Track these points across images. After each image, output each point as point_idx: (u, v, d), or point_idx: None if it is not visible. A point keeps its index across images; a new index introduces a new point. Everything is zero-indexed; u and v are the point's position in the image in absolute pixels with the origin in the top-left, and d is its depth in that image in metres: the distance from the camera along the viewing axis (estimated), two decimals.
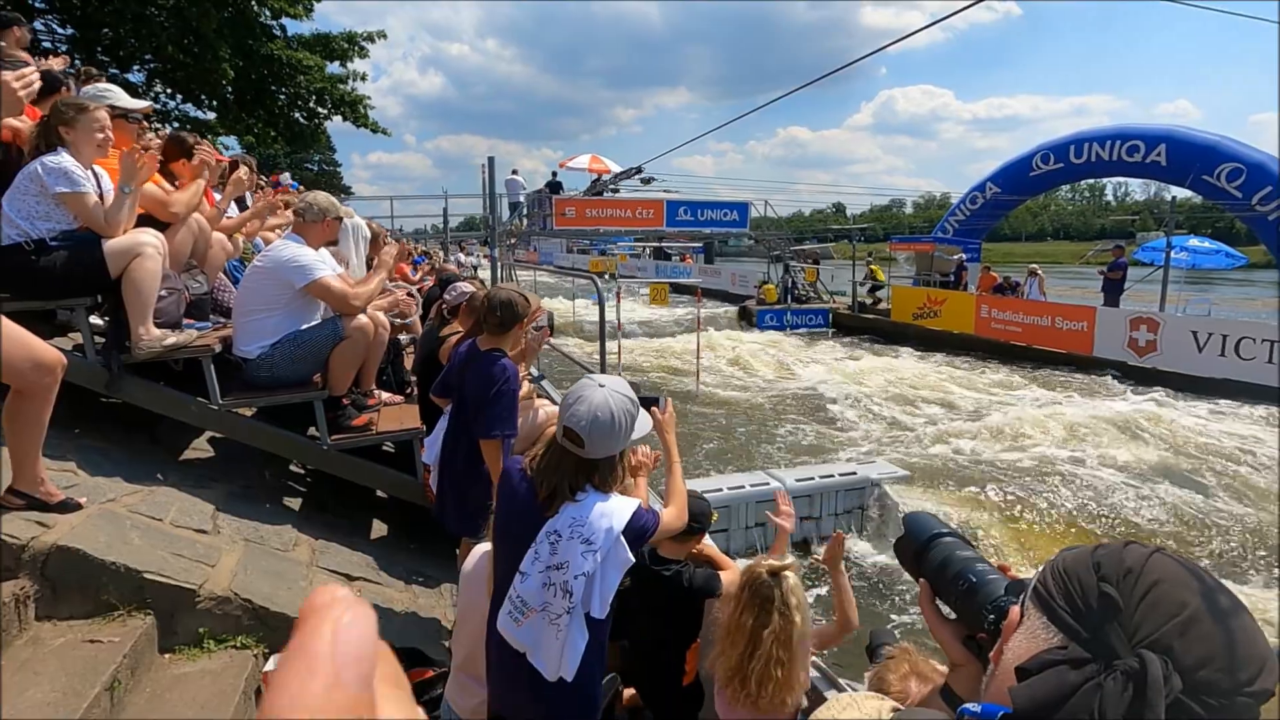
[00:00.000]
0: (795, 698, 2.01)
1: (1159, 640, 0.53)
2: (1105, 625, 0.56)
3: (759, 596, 2.00)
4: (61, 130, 2.80)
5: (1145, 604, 0.56)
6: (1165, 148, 14.31)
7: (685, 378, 12.82)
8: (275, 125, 15.62)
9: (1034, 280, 15.00)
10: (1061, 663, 0.56)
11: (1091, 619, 0.57)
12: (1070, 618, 0.58)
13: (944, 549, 1.00)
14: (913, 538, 1.05)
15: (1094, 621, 0.57)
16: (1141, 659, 0.52)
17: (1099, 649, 0.55)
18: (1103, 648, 0.55)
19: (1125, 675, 0.52)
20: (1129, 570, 0.58)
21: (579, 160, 19.89)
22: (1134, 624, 0.55)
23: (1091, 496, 7.05)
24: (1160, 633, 0.54)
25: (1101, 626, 0.56)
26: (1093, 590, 0.58)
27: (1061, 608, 0.59)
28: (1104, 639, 0.56)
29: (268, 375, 3.34)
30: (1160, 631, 0.54)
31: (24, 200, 2.75)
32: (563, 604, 1.69)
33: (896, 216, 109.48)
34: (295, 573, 3.03)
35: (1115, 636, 0.55)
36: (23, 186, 2.75)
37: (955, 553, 0.99)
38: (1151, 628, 0.54)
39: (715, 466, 8.20)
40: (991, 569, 0.97)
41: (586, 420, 1.70)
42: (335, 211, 3.45)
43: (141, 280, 2.95)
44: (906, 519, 1.09)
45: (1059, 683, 0.55)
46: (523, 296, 2.81)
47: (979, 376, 12.76)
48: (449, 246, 17.80)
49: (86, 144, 2.86)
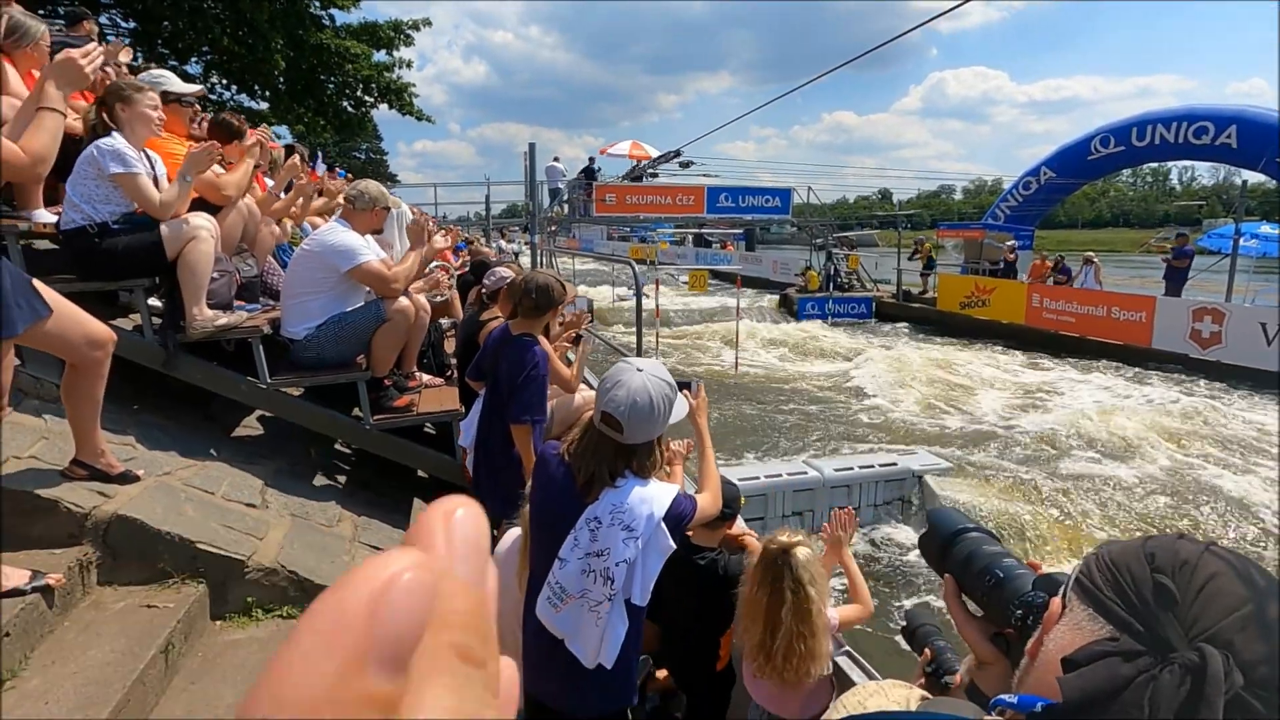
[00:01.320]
0: (819, 668, 2.03)
1: (1218, 634, 0.51)
2: (1160, 617, 0.54)
3: (771, 574, 2.05)
4: (118, 108, 2.90)
5: (1203, 597, 0.54)
6: (1236, 129, 13.54)
7: (724, 365, 12.74)
8: (325, 114, 15.97)
9: (1089, 268, 14.41)
10: (1113, 654, 0.54)
11: (1145, 611, 0.55)
12: (1122, 609, 0.56)
13: (969, 544, 0.98)
14: (937, 533, 1.03)
15: (1148, 613, 0.55)
16: (1201, 653, 0.50)
17: (1153, 642, 0.53)
18: (1157, 641, 0.53)
19: (1183, 669, 0.50)
20: (1184, 562, 0.56)
21: (619, 147, 19.87)
22: (1191, 617, 0.53)
23: (1141, 496, 6.78)
24: (1219, 627, 0.52)
25: (1156, 619, 0.54)
26: (1146, 582, 0.56)
27: (1111, 599, 0.57)
28: (1159, 632, 0.53)
29: (314, 356, 3.43)
30: (1219, 625, 0.52)
31: (84, 184, 2.88)
32: (603, 591, 1.68)
33: (945, 203, 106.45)
34: (338, 547, 3.13)
35: (1171, 629, 0.53)
36: (82, 171, 2.86)
37: (981, 548, 0.97)
38: (1210, 621, 0.52)
39: (753, 455, 8.15)
40: (1019, 564, 0.95)
41: (625, 405, 1.68)
42: (384, 201, 3.52)
43: (196, 262, 3.06)
44: (931, 514, 1.07)
45: (1111, 674, 0.53)
46: (559, 283, 2.83)
47: (1028, 368, 12.36)
48: (490, 233, 18.00)
49: (140, 124, 2.96)
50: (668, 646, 2.66)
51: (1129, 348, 12.40)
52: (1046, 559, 5.53)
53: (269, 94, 15.26)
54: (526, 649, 1.91)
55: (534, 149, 9.56)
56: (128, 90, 2.92)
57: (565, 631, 1.74)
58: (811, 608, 2.00)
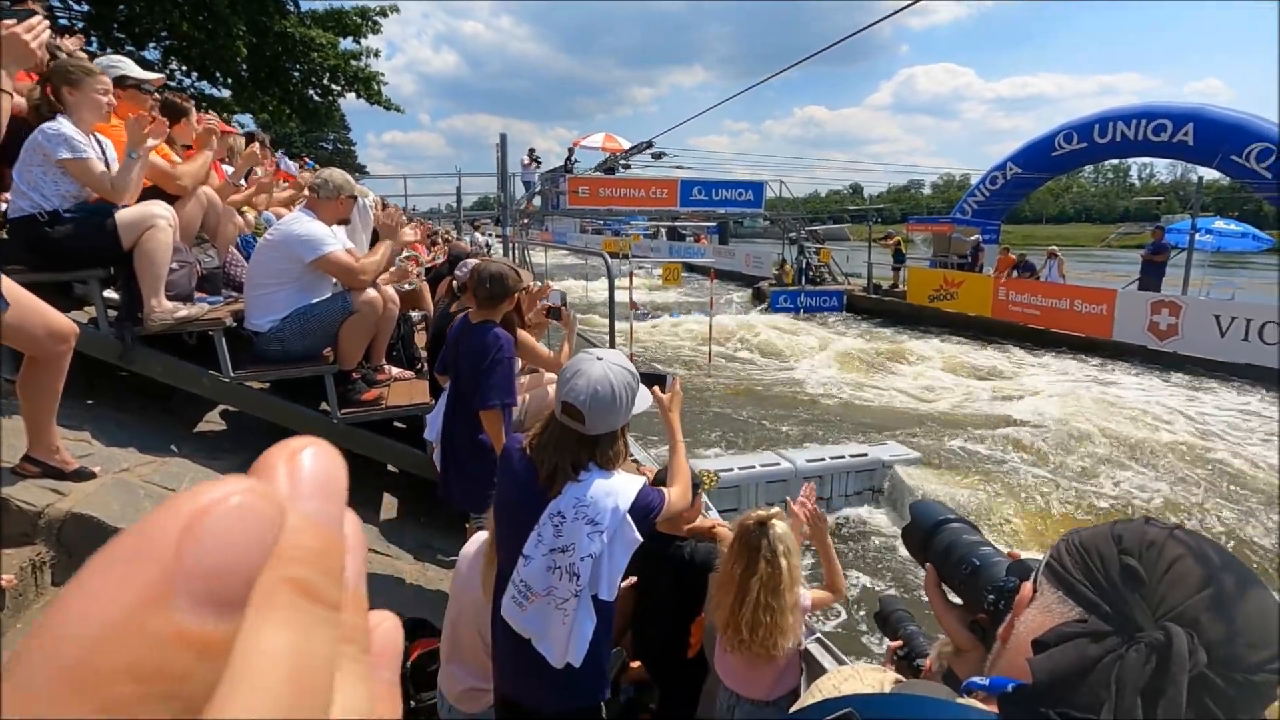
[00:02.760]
0: (786, 643, 2.04)
1: (1184, 613, 0.52)
2: (1128, 598, 0.55)
3: (747, 546, 2.06)
4: (66, 91, 2.78)
5: (1169, 577, 0.54)
6: (1193, 127, 13.93)
7: (697, 358, 12.79)
8: (290, 103, 15.62)
9: (1053, 262, 14.74)
10: (1081, 635, 0.55)
11: (1113, 592, 0.56)
12: (1090, 591, 0.57)
13: (950, 534, 1.00)
14: (919, 524, 1.04)
15: (1115, 594, 0.56)
16: (1167, 631, 0.51)
17: (1120, 622, 0.54)
18: (1125, 621, 0.54)
19: (1149, 648, 0.51)
20: (1151, 543, 0.57)
21: (593, 139, 19.76)
22: (1158, 597, 0.54)
23: (1107, 484, 6.98)
24: (1185, 606, 0.53)
25: (1124, 599, 0.55)
26: (1114, 563, 0.57)
27: (1080, 581, 0.58)
28: (1126, 612, 0.54)
29: (279, 349, 3.36)
30: (1185, 605, 0.53)
31: (30, 171, 2.77)
32: (569, 587, 1.64)
33: (915, 197, 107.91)
34: None
35: (1138, 609, 0.54)
36: (27, 157, 2.75)
37: (961, 537, 0.98)
38: (1176, 600, 0.53)
39: (726, 447, 8.20)
40: (997, 553, 0.96)
41: (586, 395, 1.65)
42: (350, 190, 3.44)
43: (153, 252, 2.97)
44: (913, 506, 1.08)
45: (1079, 655, 0.54)
46: (512, 270, 2.80)
47: (995, 360, 12.62)
48: (462, 225, 17.79)
49: (88, 110, 2.85)
50: (639, 638, 2.67)
51: (1091, 340, 12.73)
52: (1011, 547, 5.66)
53: (231, 81, 14.88)
54: (495, 649, 1.88)
55: (505, 140, 9.46)
56: (76, 73, 2.81)
57: (532, 631, 1.70)
58: (782, 580, 2.01)
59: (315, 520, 0.18)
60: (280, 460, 0.18)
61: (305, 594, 0.17)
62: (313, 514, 0.18)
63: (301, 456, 0.18)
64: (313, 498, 0.18)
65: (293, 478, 0.18)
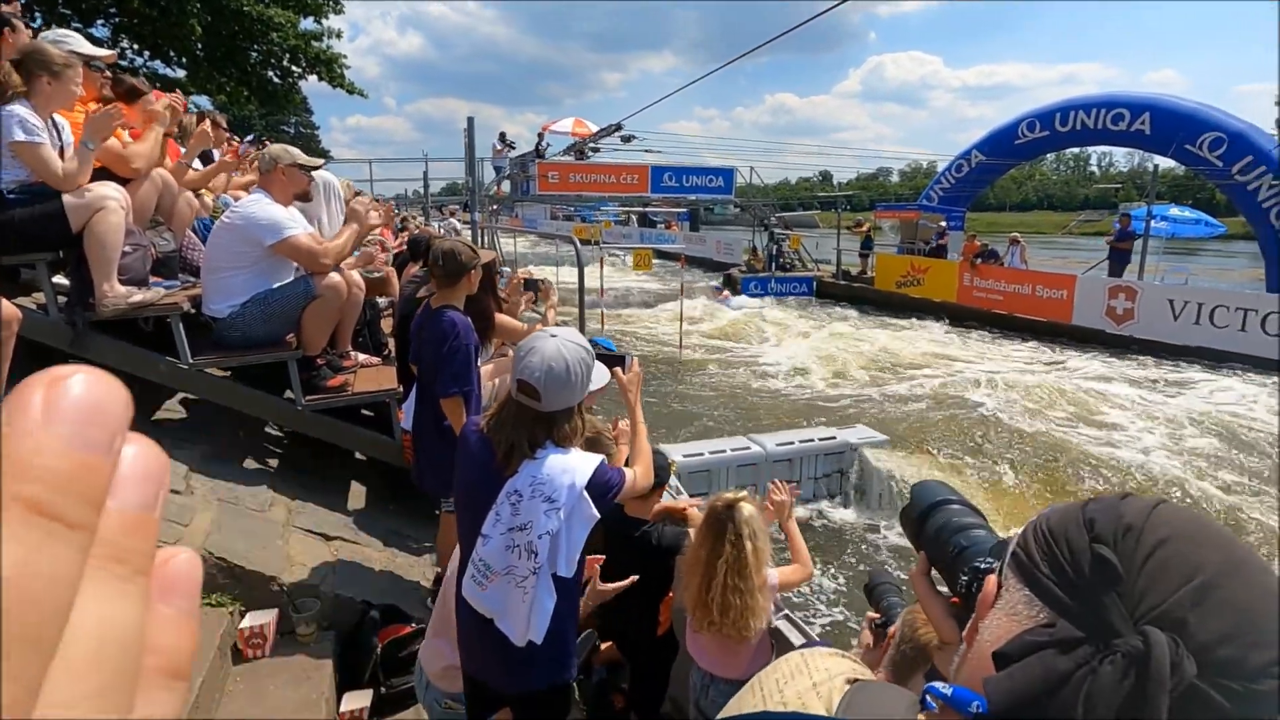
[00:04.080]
0: (759, 623, 2.07)
1: (1168, 613, 0.43)
2: (1101, 596, 0.46)
3: (714, 528, 2.09)
4: (44, 80, 2.69)
5: (1150, 568, 0.45)
6: (1150, 116, 14.28)
7: (668, 344, 12.81)
8: (248, 84, 15.15)
9: (1015, 248, 15.04)
10: (1048, 645, 0.46)
11: (1084, 589, 0.47)
12: (1058, 588, 0.48)
13: (943, 516, 0.92)
14: (915, 506, 0.97)
15: (1088, 592, 0.46)
16: (1145, 637, 0.42)
17: (1094, 627, 0.45)
18: (1099, 625, 0.45)
19: (1126, 659, 0.42)
20: (1129, 527, 0.47)
21: (562, 124, 19.56)
22: (1137, 593, 0.45)
23: (1075, 460, 7.18)
24: (1169, 603, 0.44)
25: (1097, 598, 0.46)
26: (1084, 553, 0.47)
27: (1047, 576, 0.49)
28: (1100, 614, 0.45)
29: (239, 335, 3.28)
30: (1169, 601, 0.44)
31: None
32: (528, 565, 1.65)
33: (883, 185, 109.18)
34: (271, 532, 3.02)
35: (1114, 610, 0.45)
36: None
37: (952, 519, 0.90)
38: (1158, 597, 0.44)
39: (698, 432, 8.25)
40: (991, 535, 0.87)
41: (540, 371, 1.65)
42: (289, 159, 3.32)
43: (104, 235, 2.87)
44: (913, 488, 1.01)
45: (1045, 671, 0.45)
46: (467, 246, 2.78)
47: (960, 344, 12.88)
48: (429, 211, 17.50)
49: (60, 99, 2.78)
50: (608, 619, 2.68)
51: (1052, 324, 13.06)
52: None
53: (186, 61, 14.36)
54: (459, 629, 1.88)
55: (473, 123, 9.31)
56: (58, 65, 2.71)
57: (493, 610, 1.71)
58: (748, 562, 2.04)
59: (67, 443, 0.18)
60: (39, 388, 0.18)
61: (39, 512, 0.17)
62: (65, 436, 0.18)
63: (67, 383, 0.19)
64: (70, 423, 0.18)
65: (49, 403, 0.18)
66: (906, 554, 5.73)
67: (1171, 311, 11.52)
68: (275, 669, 2.56)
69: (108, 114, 2.86)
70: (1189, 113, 13.87)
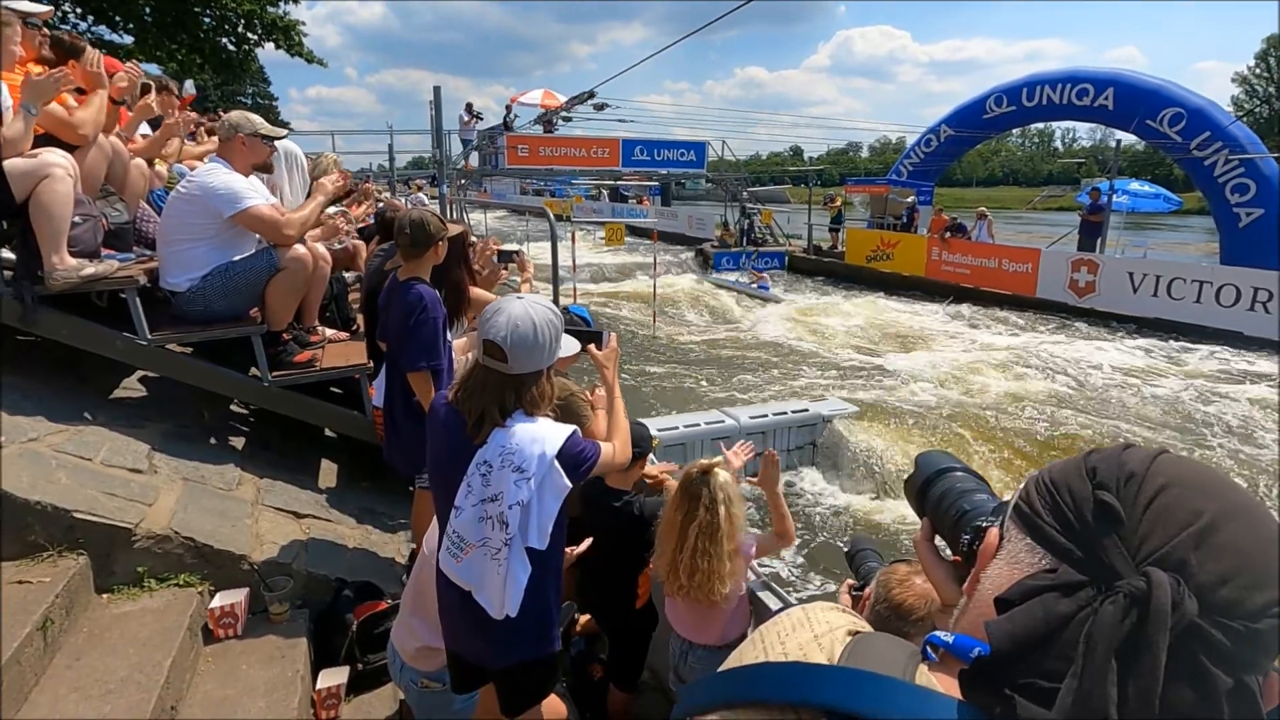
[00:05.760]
0: (724, 589, 2.08)
1: (1169, 555, 0.44)
2: (1104, 540, 0.47)
3: (689, 494, 2.09)
4: None
5: (1152, 512, 0.46)
6: (1113, 91, 14.49)
7: (642, 319, 12.78)
8: (200, 51, 14.53)
9: (982, 223, 15.26)
10: (1050, 589, 0.47)
11: (1086, 534, 0.48)
12: (1060, 535, 0.49)
13: (946, 483, 0.92)
14: (919, 474, 0.98)
15: (1090, 537, 0.47)
16: (1148, 577, 0.43)
17: (1096, 570, 0.46)
18: (1101, 568, 0.46)
19: (1128, 599, 0.43)
20: (1131, 474, 0.48)
21: (531, 95, 19.17)
22: (1139, 537, 0.46)
23: (1044, 428, 7.36)
24: (1172, 545, 0.45)
25: (1099, 542, 0.47)
26: (1087, 500, 0.48)
27: (1049, 524, 0.50)
28: (1102, 557, 0.46)
29: (200, 309, 3.17)
30: (1171, 544, 0.45)
31: None
32: (500, 536, 1.64)
33: (853, 160, 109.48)
34: (240, 510, 2.95)
35: (1116, 553, 0.46)
36: None
37: (955, 485, 0.91)
38: (1160, 540, 0.45)
39: (672, 407, 8.27)
40: (994, 499, 0.87)
41: (506, 331, 1.63)
42: (250, 127, 3.20)
43: (51, 204, 2.73)
44: (917, 457, 1.01)
45: (1047, 613, 0.46)
46: (435, 216, 2.71)
47: (929, 318, 13.07)
48: (396, 185, 17.06)
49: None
50: (587, 590, 2.69)
51: (1017, 297, 13.32)
52: None
53: (133, 27, 13.69)
54: (440, 604, 1.86)
55: (439, 93, 9.06)
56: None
57: (470, 583, 1.70)
58: (721, 527, 2.05)
59: None
60: None
61: None
62: None
63: None
64: None
65: None
66: (876, 523, 5.85)
67: (1131, 284, 11.83)
68: (247, 648, 2.52)
69: (54, 77, 2.70)
70: (1152, 89, 14.10)
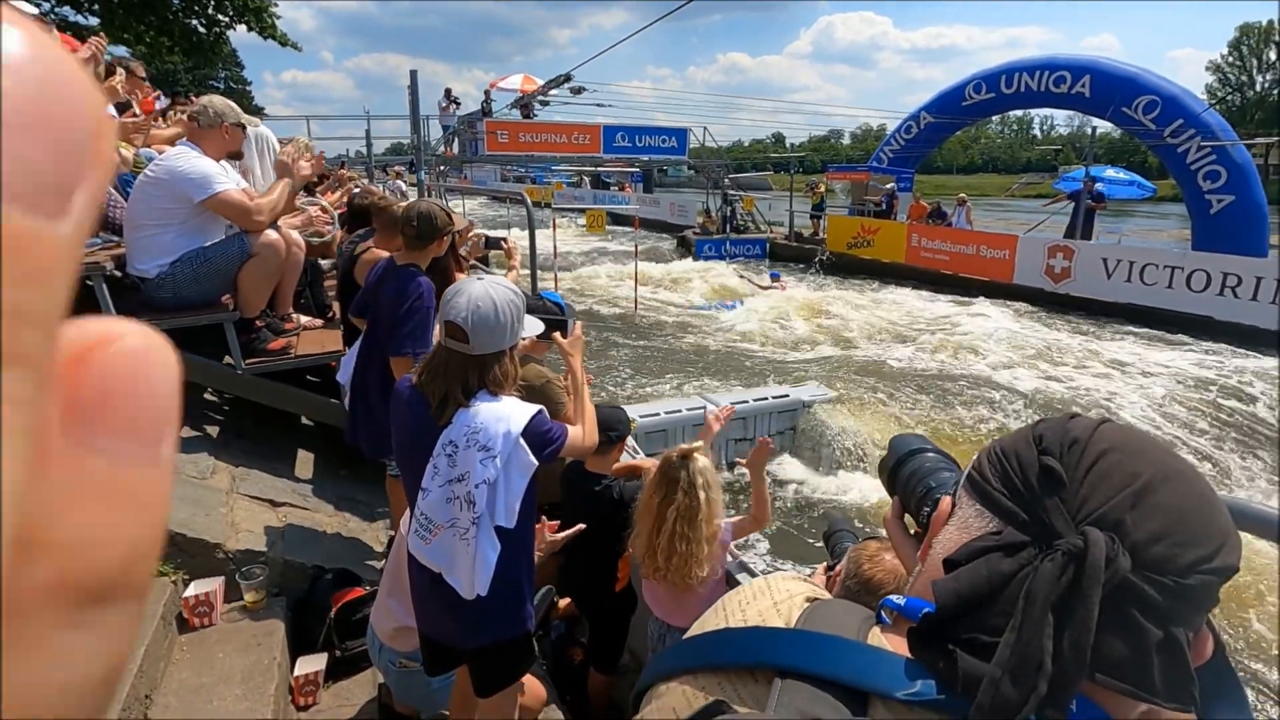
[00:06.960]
0: (701, 572, 2.10)
1: (1106, 515, 0.47)
2: (1046, 502, 0.49)
3: (667, 477, 2.11)
4: None
5: (1093, 475, 0.49)
6: (1090, 79, 14.64)
7: (623, 307, 12.77)
8: (169, 33, 14.15)
9: (962, 209, 15.39)
10: (994, 549, 0.49)
11: (1030, 497, 0.50)
12: (1007, 499, 0.52)
13: (915, 463, 0.95)
14: (891, 455, 1.00)
15: (1034, 500, 0.50)
16: (1085, 536, 0.46)
17: (1039, 531, 0.49)
18: (1044, 529, 0.49)
19: (1066, 555, 0.46)
20: (1075, 440, 0.51)
21: (511, 80, 18.99)
22: (1080, 499, 0.49)
23: (1015, 412, 7.48)
24: (1109, 506, 0.47)
25: (1042, 504, 0.49)
26: (1033, 465, 0.51)
27: (997, 490, 0.53)
28: (1045, 519, 0.49)
29: (170, 296, 3.11)
30: (1109, 504, 0.47)
31: None
32: (468, 516, 1.65)
33: (834, 147, 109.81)
34: (214, 499, 2.92)
35: (1057, 514, 0.48)
36: None
37: (924, 465, 0.94)
38: (1099, 501, 0.48)
39: (653, 393, 8.29)
40: (958, 476, 0.88)
41: (467, 311, 1.63)
42: (234, 117, 3.16)
43: None
44: (890, 440, 1.04)
45: (990, 572, 0.48)
46: (443, 210, 2.69)
47: (909, 304, 13.19)
48: (374, 172, 16.84)
49: None
50: (567, 574, 2.70)
51: (994, 283, 13.48)
52: None
53: (99, 7, 13.31)
54: (412, 588, 1.87)
55: (416, 78, 8.92)
56: None
57: (440, 564, 1.71)
58: (699, 511, 2.07)
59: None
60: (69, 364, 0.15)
61: None
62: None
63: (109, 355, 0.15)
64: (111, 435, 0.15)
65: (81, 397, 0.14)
66: (853, 505, 5.93)
67: (1105, 270, 12.01)
68: (224, 636, 2.50)
69: None
70: (1128, 76, 14.26)
